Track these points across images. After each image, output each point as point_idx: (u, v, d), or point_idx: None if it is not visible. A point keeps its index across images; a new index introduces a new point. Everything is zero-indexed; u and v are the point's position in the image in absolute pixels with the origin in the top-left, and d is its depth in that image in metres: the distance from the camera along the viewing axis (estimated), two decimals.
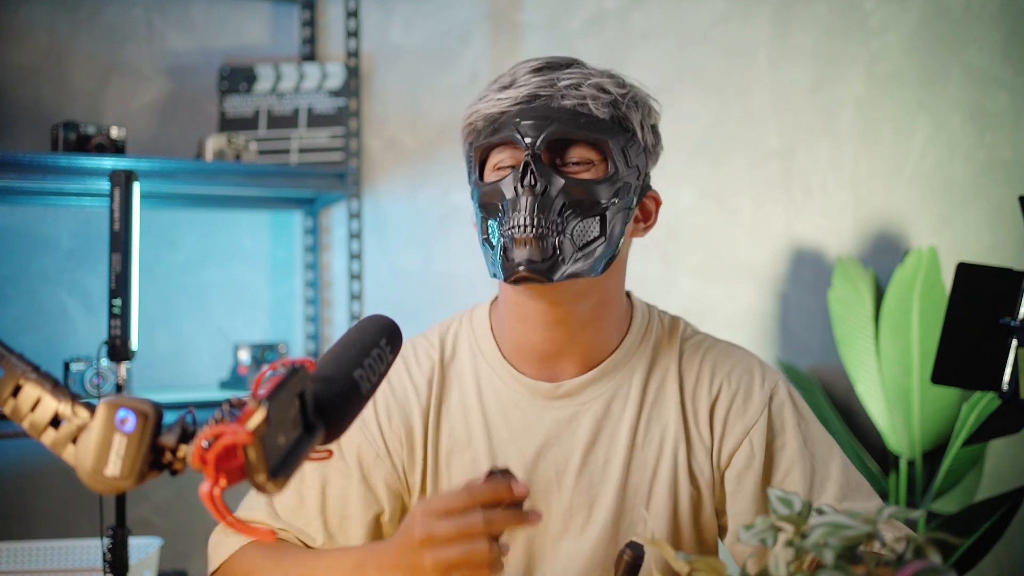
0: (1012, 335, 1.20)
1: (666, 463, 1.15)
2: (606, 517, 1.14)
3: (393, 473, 1.17)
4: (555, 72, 1.10)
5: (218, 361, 2.43)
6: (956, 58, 2.59)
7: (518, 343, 1.17)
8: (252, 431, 0.60)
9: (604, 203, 1.08)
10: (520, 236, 1.05)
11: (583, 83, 1.09)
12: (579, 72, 1.11)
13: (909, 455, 2.38)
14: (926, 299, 2.36)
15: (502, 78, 1.13)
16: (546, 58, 1.14)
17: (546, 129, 1.06)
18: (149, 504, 2.37)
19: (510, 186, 1.07)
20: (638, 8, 2.60)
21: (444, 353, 1.21)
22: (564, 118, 1.07)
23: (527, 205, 1.05)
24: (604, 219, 1.08)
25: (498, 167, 1.12)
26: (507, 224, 1.06)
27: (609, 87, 1.10)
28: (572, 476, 1.16)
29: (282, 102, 2.42)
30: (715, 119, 2.61)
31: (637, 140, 1.12)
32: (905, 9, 2.60)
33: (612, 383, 1.17)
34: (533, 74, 1.10)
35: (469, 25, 2.57)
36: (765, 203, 2.61)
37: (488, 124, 1.11)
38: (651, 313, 1.23)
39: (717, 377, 1.18)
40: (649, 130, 1.14)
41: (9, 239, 2.31)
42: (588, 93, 1.08)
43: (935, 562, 0.65)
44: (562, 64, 1.12)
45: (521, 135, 1.07)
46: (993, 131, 2.58)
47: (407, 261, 2.55)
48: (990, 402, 2.23)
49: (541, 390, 1.17)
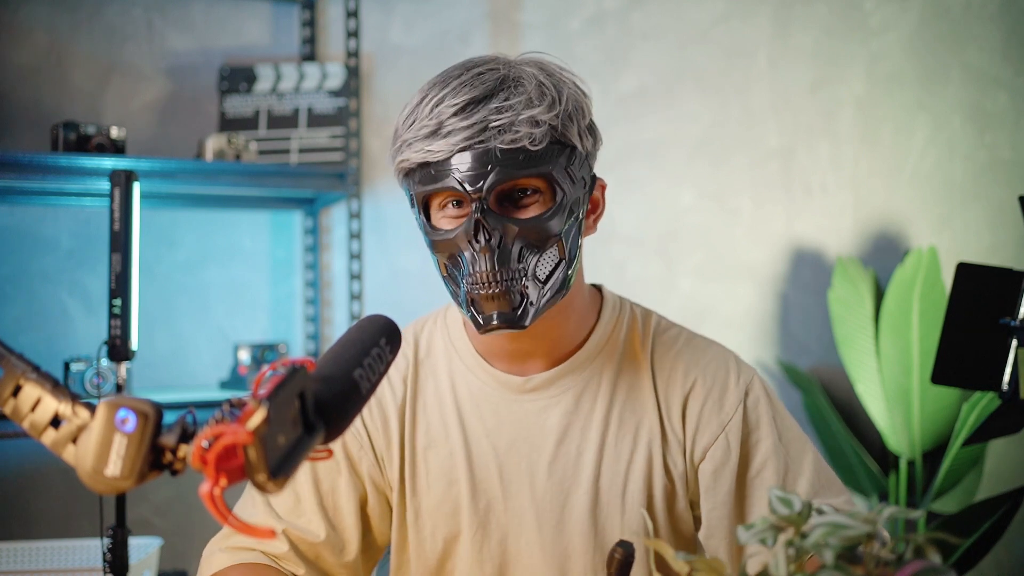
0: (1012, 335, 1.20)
1: (640, 456, 1.16)
2: (581, 511, 1.15)
3: (376, 468, 1.20)
4: (481, 110, 1.04)
5: (218, 361, 2.43)
6: (956, 58, 2.59)
7: (487, 344, 1.19)
8: (252, 431, 0.60)
9: (558, 231, 1.07)
10: (486, 293, 1.05)
11: (514, 120, 1.03)
12: (507, 106, 1.04)
13: (909, 455, 2.38)
14: (926, 299, 2.36)
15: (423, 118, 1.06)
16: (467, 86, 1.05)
17: (487, 177, 1.03)
18: (149, 504, 2.37)
19: (464, 240, 1.05)
20: (638, 8, 2.60)
21: (419, 350, 1.23)
22: (503, 161, 1.03)
23: (486, 263, 1.04)
24: (561, 244, 1.08)
25: (443, 206, 1.09)
26: (470, 279, 1.06)
27: (541, 116, 1.04)
28: (544, 470, 1.17)
29: (282, 102, 2.42)
30: (715, 119, 2.61)
31: (578, 152, 1.09)
32: (905, 9, 2.60)
33: (582, 376, 1.18)
34: (459, 117, 1.04)
35: (469, 25, 2.57)
36: (765, 203, 2.61)
37: (423, 169, 1.07)
38: (622, 306, 1.24)
39: (692, 372, 1.18)
40: (587, 133, 1.11)
41: (9, 239, 2.31)
42: (523, 132, 1.03)
43: (935, 562, 0.65)
44: (486, 96, 1.05)
45: (462, 186, 1.04)
46: (993, 131, 2.58)
47: (407, 261, 2.55)
48: (990, 402, 2.23)
49: (511, 384, 1.18)
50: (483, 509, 1.17)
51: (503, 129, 1.03)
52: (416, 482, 1.19)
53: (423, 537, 1.19)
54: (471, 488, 1.17)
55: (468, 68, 1.08)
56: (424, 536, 1.19)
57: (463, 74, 1.07)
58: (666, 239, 2.60)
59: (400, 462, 1.19)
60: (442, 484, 1.18)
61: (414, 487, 1.19)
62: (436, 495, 1.18)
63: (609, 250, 2.57)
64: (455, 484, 1.18)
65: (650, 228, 2.62)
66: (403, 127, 1.09)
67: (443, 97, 1.05)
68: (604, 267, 2.55)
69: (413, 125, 1.07)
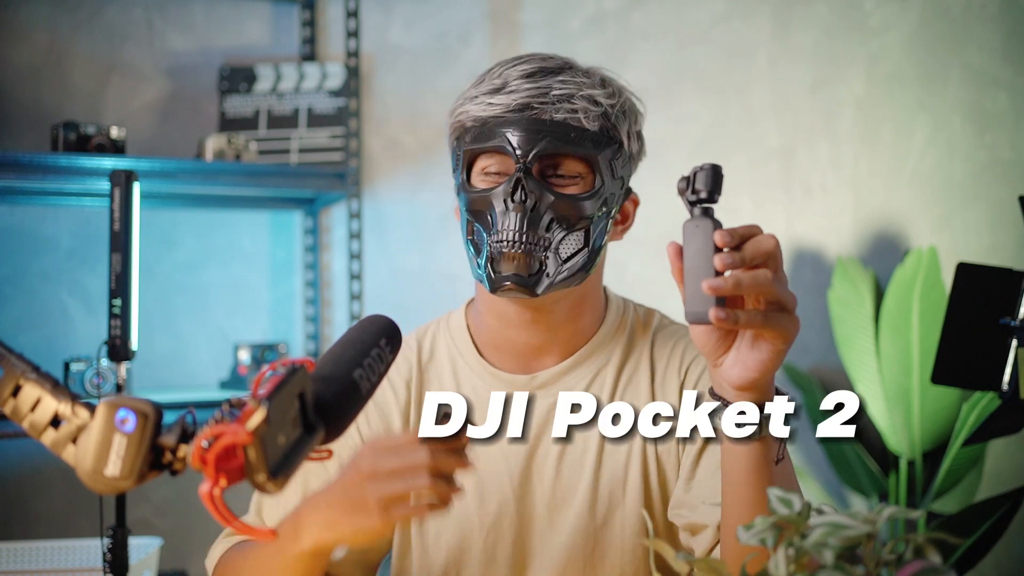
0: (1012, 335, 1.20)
1: (637, 448, 1.16)
2: (581, 507, 1.15)
3: None
4: (548, 79, 1.09)
5: (218, 361, 2.43)
6: (956, 58, 2.59)
7: (495, 340, 1.19)
8: (252, 431, 0.60)
9: (589, 216, 1.10)
10: (508, 251, 1.07)
11: (575, 94, 1.09)
12: (572, 81, 1.10)
13: (909, 455, 2.38)
14: (926, 299, 2.36)
15: (492, 78, 1.11)
16: (538, 59, 1.12)
17: (538, 143, 1.07)
18: (149, 504, 2.37)
19: (500, 198, 1.08)
20: (638, 8, 2.60)
21: (421, 355, 1.23)
22: (555, 132, 1.07)
23: (516, 221, 1.06)
24: (588, 231, 1.10)
25: (486, 171, 1.12)
26: (495, 236, 1.08)
27: (600, 98, 1.10)
28: (552, 467, 1.16)
29: (282, 102, 2.42)
30: (715, 119, 2.61)
31: (624, 150, 1.13)
32: (905, 9, 2.60)
33: (587, 372, 1.18)
34: (525, 79, 1.09)
35: (469, 25, 2.57)
36: (765, 203, 2.62)
37: (477, 127, 1.10)
38: (626, 306, 1.25)
39: (685, 361, 1.19)
40: (635, 137, 1.16)
41: (9, 239, 2.31)
42: (580, 106, 1.08)
43: (935, 562, 0.65)
44: (554, 69, 1.11)
45: (512, 147, 1.07)
46: (993, 131, 2.58)
47: (407, 261, 2.55)
48: (990, 402, 2.23)
49: (517, 383, 1.18)
50: (494, 512, 1.16)
51: (563, 98, 1.07)
52: None
53: (427, 544, 1.18)
54: (479, 492, 1.17)
55: (538, 54, 1.14)
56: (428, 542, 1.18)
57: (534, 56, 1.13)
58: (666, 239, 2.59)
59: None
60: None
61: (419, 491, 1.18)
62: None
63: (609, 250, 2.56)
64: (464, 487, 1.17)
65: (650, 228, 2.62)
66: (469, 87, 1.13)
67: (514, 64, 1.11)
68: (604, 267, 2.54)
69: (480, 84, 1.11)
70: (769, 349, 0.88)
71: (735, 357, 0.90)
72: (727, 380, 0.91)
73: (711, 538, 1.07)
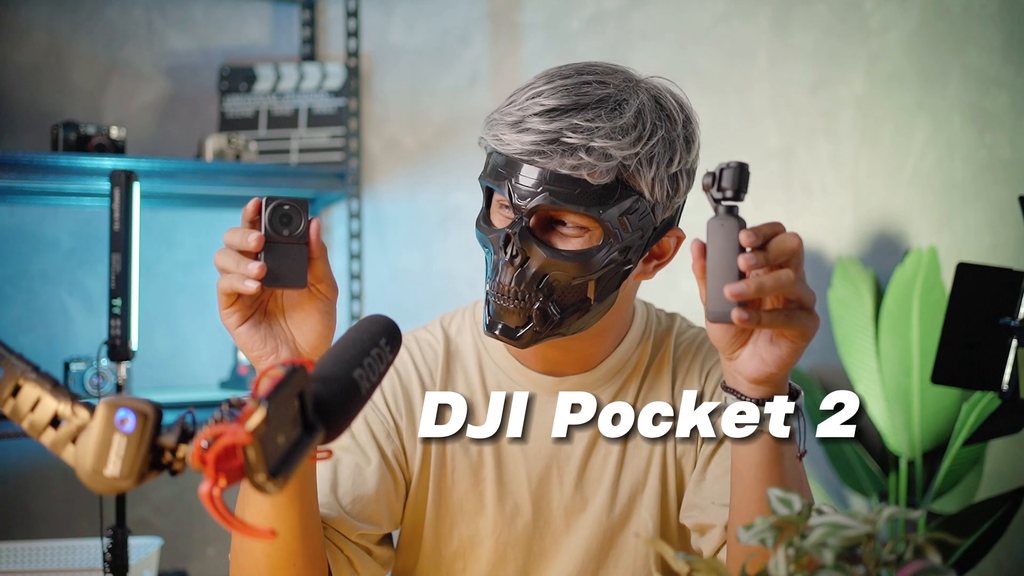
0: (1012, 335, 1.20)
1: (658, 453, 1.16)
2: (600, 510, 1.15)
3: (402, 455, 1.17)
4: (563, 119, 1.00)
5: (218, 361, 2.43)
6: (956, 58, 2.59)
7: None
8: (252, 431, 0.60)
9: (594, 272, 1.04)
10: (498, 302, 1.04)
11: (587, 144, 0.99)
12: (587, 126, 1.00)
13: (909, 455, 2.38)
14: (926, 299, 2.36)
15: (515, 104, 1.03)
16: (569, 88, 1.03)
17: (536, 198, 1.00)
18: (149, 504, 2.37)
19: (498, 245, 1.04)
20: (638, 8, 2.60)
21: (448, 344, 1.21)
22: (557, 187, 1.00)
23: (508, 275, 1.03)
24: (593, 285, 1.05)
25: (501, 204, 1.08)
26: (491, 282, 1.06)
27: (615, 151, 1.00)
28: (574, 474, 1.16)
29: (282, 102, 2.42)
30: (715, 119, 2.61)
31: (644, 201, 1.04)
32: (905, 9, 2.60)
33: (611, 383, 1.18)
34: (541, 118, 1.01)
35: (469, 25, 2.57)
36: (765, 203, 2.61)
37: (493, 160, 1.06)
38: (648, 312, 1.24)
39: (706, 365, 1.19)
40: (664, 182, 1.05)
41: (9, 239, 2.31)
42: (586, 162, 0.99)
43: (935, 562, 0.65)
44: (573, 107, 1.01)
45: (511, 196, 1.02)
46: (993, 131, 2.58)
47: (407, 261, 2.55)
48: (990, 402, 2.23)
49: (545, 384, 1.17)
50: (510, 512, 1.16)
51: (569, 151, 0.99)
52: (442, 477, 1.17)
53: (440, 533, 1.17)
54: (499, 486, 1.16)
55: (582, 72, 1.06)
56: (442, 533, 1.17)
57: (574, 76, 1.05)
58: None
59: (424, 456, 1.17)
60: (467, 481, 1.16)
61: (439, 481, 1.16)
62: (460, 491, 1.16)
63: None
64: (481, 483, 1.16)
65: None
66: (504, 102, 1.06)
67: (542, 91, 1.03)
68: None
69: (509, 107, 1.05)
70: (788, 346, 0.88)
71: (752, 351, 0.90)
72: (743, 374, 0.91)
73: (719, 538, 1.07)
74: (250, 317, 0.96)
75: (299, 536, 1.00)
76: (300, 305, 0.98)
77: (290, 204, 0.93)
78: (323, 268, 0.96)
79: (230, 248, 0.94)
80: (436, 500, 1.17)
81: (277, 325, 0.98)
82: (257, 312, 0.97)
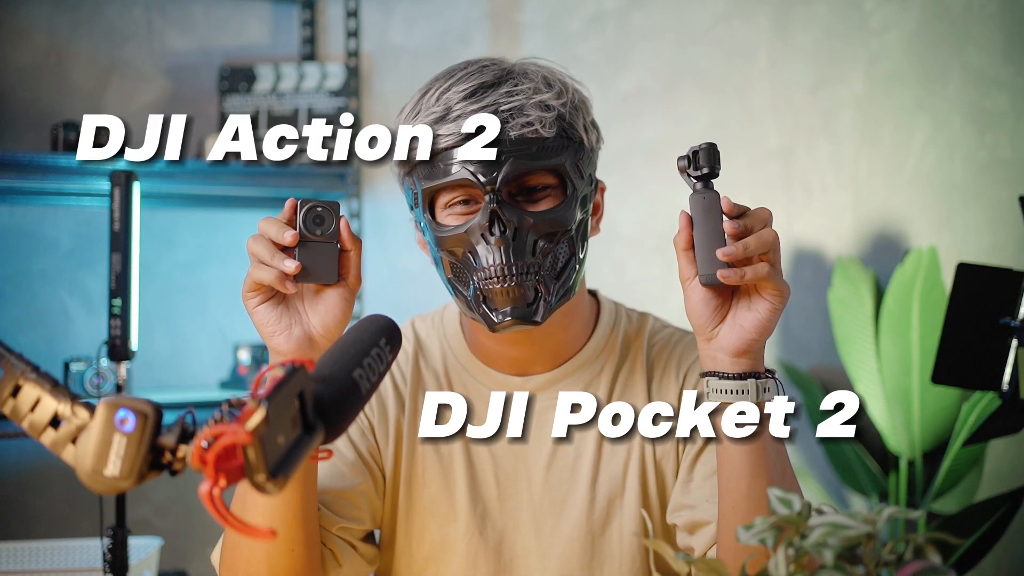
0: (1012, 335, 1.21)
1: (635, 456, 1.15)
2: (578, 515, 1.14)
3: (376, 452, 1.17)
4: (491, 94, 1.03)
5: (218, 361, 2.43)
6: (956, 58, 2.59)
7: (485, 351, 1.17)
8: (251, 431, 0.60)
9: (570, 226, 1.05)
10: (499, 287, 1.02)
11: (525, 104, 1.02)
12: (517, 91, 1.03)
13: (909, 455, 2.38)
14: (926, 299, 2.36)
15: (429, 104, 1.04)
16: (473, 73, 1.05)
17: (501, 168, 1.01)
18: (149, 504, 2.37)
19: (477, 233, 1.02)
20: (638, 8, 2.60)
21: (419, 345, 1.22)
22: (516, 151, 1.02)
23: (500, 255, 1.01)
24: (572, 240, 1.06)
25: (449, 205, 1.06)
26: (482, 274, 1.03)
27: (550, 101, 1.04)
28: (541, 472, 1.16)
29: (282, 102, 2.42)
30: (715, 119, 2.61)
31: (584, 147, 1.08)
32: (905, 9, 2.60)
33: (580, 379, 1.17)
34: (468, 100, 1.02)
35: (469, 25, 2.57)
36: (765, 203, 2.60)
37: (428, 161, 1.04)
38: (618, 311, 1.23)
39: (683, 365, 1.18)
40: (591, 128, 1.10)
41: (9, 239, 2.31)
42: (534, 116, 1.02)
43: (935, 562, 0.65)
44: (493, 82, 1.04)
45: (475, 176, 1.01)
46: (993, 131, 2.58)
47: (407, 261, 2.55)
48: (990, 402, 2.23)
49: (511, 384, 1.16)
50: (480, 512, 1.16)
51: (514, 113, 1.02)
52: (412, 477, 1.17)
53: (411, 534, 1.17)
54: (470, 489, 1.16)
55: (470, 63, 1.08)
56: (413, 534, 1.17)
57: (467, 67, 1.07)
58: (666, 239, 2.59)
59: (395, 455, 1.17)
60: (438, 482, 1.16)
61: (410, 481, 1.17)
62: (431, 492, 1.16)
63: (609, 250, 2.57)
64: (452, 484, 1.16)
65: (650, 228, 2.62)
66: (405, 112, 1.07)
67: (450, 85, 1.05)
68: (604, 267, 2.55)
69: (419, 114, 1.05)
70: (767, 307, 0.93)
71: (732, 322, 0.95)
72: (724, 348, 0.95)
73: (711, 536, 1.06)
74: (271, 298, 0.99)
75: (301, 523, 1.01)
76: (322, 289, 1.00)
77: (323, 206, 0.98)
78: (352, 260, 0.99)
79: (263, 237, 0.97)
80: (407, 501, 1.17)
81: (294, 306, 1.00)
82: (277, 294, 0.99)
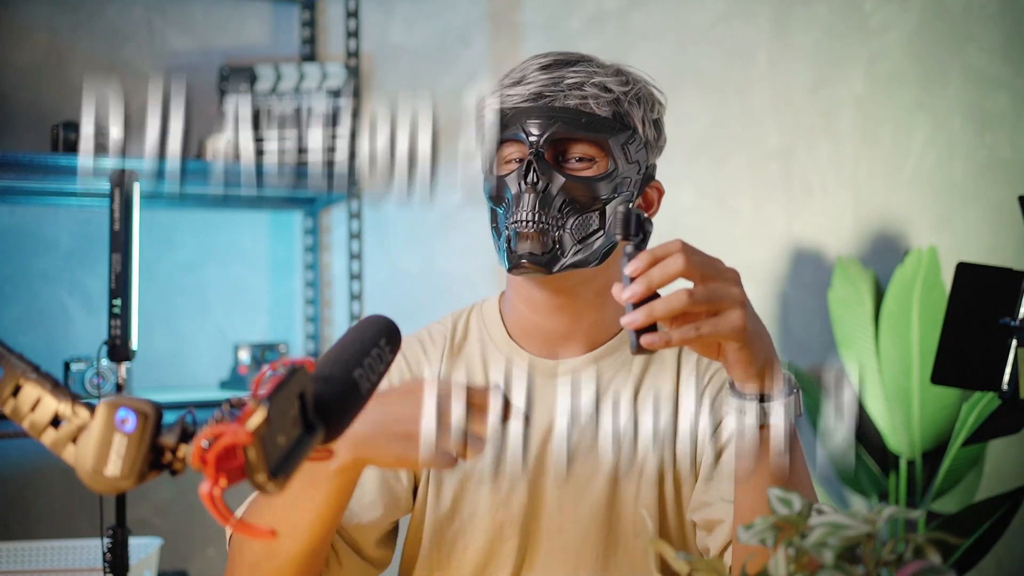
0: (1012, 335, 1.21)
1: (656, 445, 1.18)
2: (598, 498, 1.17)
3: None
4: (562, 70, 1.14)
5: (218, 361, 2.43)
6: (956, 58, 2.59)
7: (523, 325, 1.22)
8: (252, 431, 0.60)
9: (603, 198, 1.13)
10: (523, 231, 1.11)
11: (587, 82, 1.13)
12: (584, 70, 1.14)
13: (909, 455, 2.38)
14: (926, 299, 2.36)
15: (514, 72, 1.17)
16: (557, 54, 1.17)
17: (549, 128, 1.11)
18: (149, 504, 2.37)
19: (515, 182, 1.12)
20: (638, 8, 2.60)
21: (456, 334, 1.27)
22: (566, 117, 1.12)
23: (529, 202, 1.11)
24: (603, 213, 1.14)
25: (506, 160, 1.16)
26: (511, 218, 1.12)
27: (612, 85, 1.14)
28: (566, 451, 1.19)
29: (282, 102, 2.42)
30: (715, 119, 2.61)
31: (638, 136, 1.16)
32: (905, 9, 2.60)
33: (611, 365, 1.21)
34: (541, 71, 1.14)
35: (469, 25, 2.57)
36: (765, 203, 2.61)
37: (497, 119, 1.15)
38: None
39: (712, 365, 1.21)
40: (651, 125, 1.18)
41: (9, 239, 2.31)
42: (590, 93, 1.13)
43: (935, 562, 0.65)
44: (570, 61, 1.16)
45: (525, 133, 1.12)
46: (993, 131, 2.58)
47: (407, 261, 2.55)
48: (990, 402, 2.23)
49: (543, 367, 1.21)
50: (506, 488, 1.18)
51: (574, 86, 1.13)
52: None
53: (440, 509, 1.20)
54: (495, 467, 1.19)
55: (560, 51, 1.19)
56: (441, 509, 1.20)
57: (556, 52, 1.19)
58: (666, 239, 2.60)
59: None
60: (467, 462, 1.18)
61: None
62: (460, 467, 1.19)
63: None
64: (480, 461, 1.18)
65: None
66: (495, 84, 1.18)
67: (535, 58, 1.17)
68: None
69: (504, 79, 1.17)
70: (731, 349, 0.94)
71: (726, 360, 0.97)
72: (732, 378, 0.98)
73: (726, 534, 1.08)
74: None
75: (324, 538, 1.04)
76: None
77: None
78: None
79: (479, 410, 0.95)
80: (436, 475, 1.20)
81: None
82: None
